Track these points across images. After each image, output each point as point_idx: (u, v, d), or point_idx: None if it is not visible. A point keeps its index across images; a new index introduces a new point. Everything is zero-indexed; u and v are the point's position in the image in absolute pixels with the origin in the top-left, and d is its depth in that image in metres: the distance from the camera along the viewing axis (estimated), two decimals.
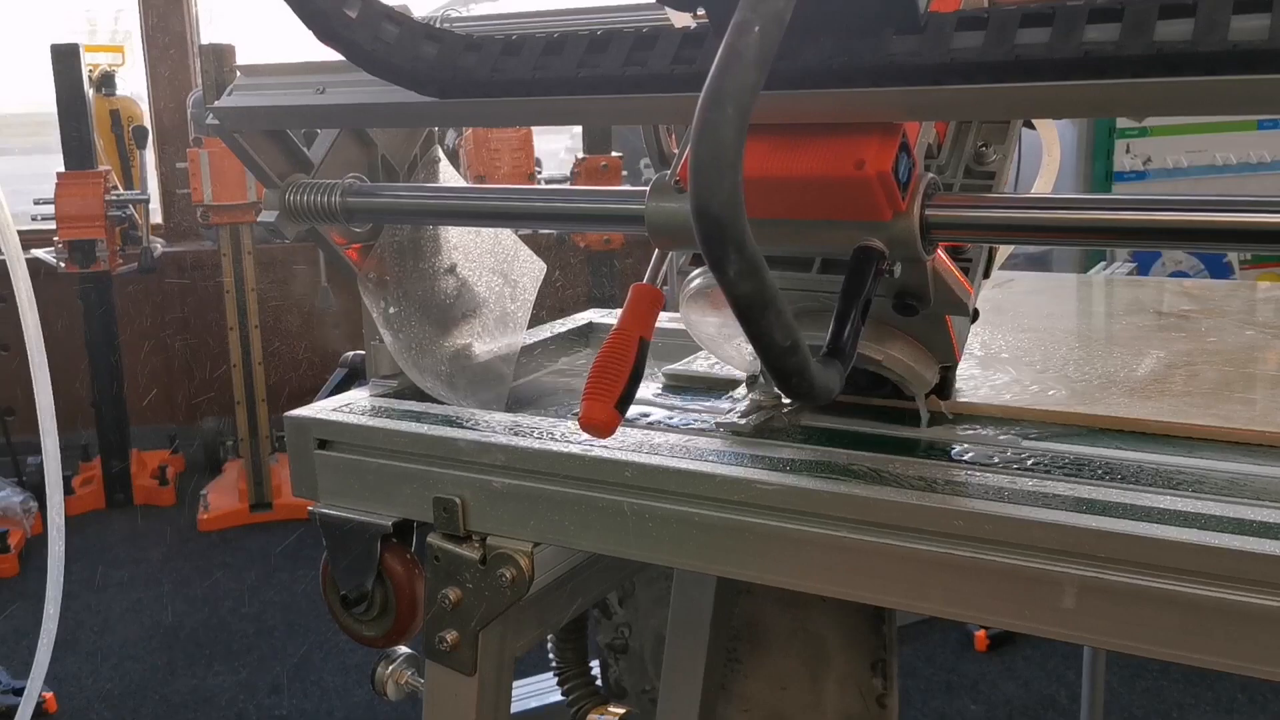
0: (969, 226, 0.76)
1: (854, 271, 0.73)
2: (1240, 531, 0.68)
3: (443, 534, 0.94)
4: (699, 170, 0.54)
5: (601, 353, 0.79)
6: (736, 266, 0.56)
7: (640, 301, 0.82)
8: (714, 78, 0.54)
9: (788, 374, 0.62)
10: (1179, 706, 2.48)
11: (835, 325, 0.71)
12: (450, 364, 1.11)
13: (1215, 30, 0.58)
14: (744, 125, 0.54)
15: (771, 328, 0.59)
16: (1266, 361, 1.04)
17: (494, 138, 3.42)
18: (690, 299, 0.89)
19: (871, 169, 0.70)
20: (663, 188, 0.80)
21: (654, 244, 0.85)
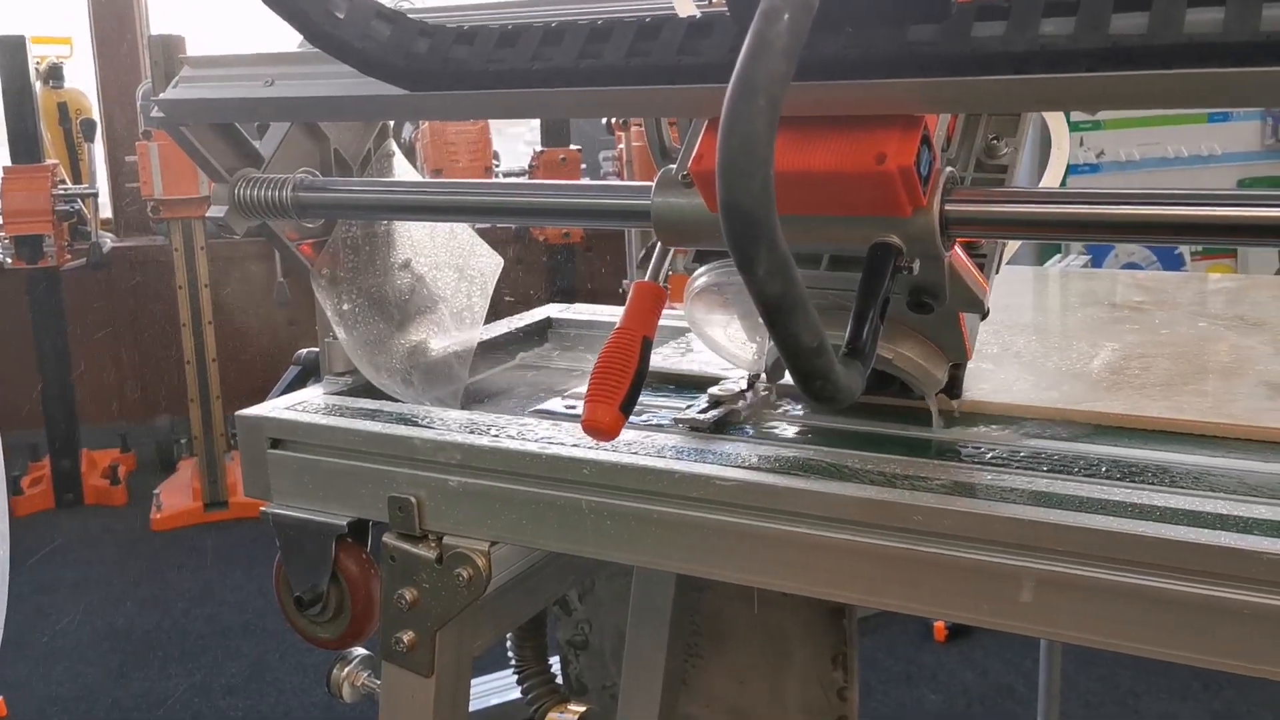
0: (989, 222, 0.74)
1: (871, 269, 0.70)
2: (1196, 524, 0.68)
3: (398, 533, 0.92)
4: (729, 164, 0.52)
5: (604, 353, 0.77)
6: (767, 265, 0.54)
7: (643, 299, 0.81)
8: (743, 67, 0.52)
9: (813, 376, 0.60)
10: (1134, 694, 2.51)
11: (854, 324, 0.68)
12: (405, 361, 1.09)
13: (1172, 24, 0.57)
14: (775, 117, 0.52)
15: (799, 329, 0.57)
16: (1219, 353, 1.05)
17: (451, 131, 3.39)
18: (696, 297, 0.87)
19: (893, 163, 0.67)
20: (669, 182, 0.78)
21: (661, 240, 0.83)
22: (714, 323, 0.90)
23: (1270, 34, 0.55)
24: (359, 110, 0.91)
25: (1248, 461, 0.79)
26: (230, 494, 3.91)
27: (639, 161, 3.24)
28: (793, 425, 0.91)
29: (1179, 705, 2.47)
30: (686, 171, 0.76)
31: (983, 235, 0.81)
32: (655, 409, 0.98)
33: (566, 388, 1.10)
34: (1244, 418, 0.85)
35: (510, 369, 1.24)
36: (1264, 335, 1.09)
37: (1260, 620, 0.64)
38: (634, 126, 3.30)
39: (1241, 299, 1.29)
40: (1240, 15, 0.56)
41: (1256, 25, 0.55)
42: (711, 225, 0.77)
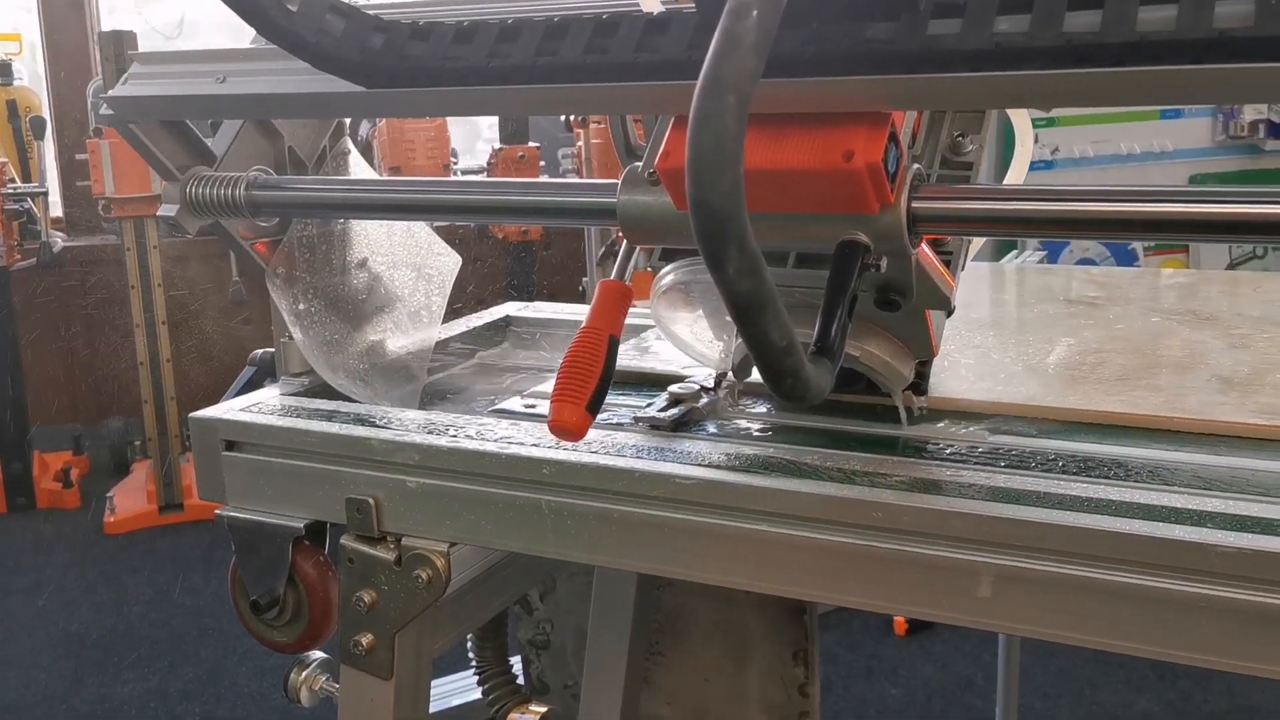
0: (956, 219, 0.74)
1: (839, 267, 0.70)
2: (1150, 518, 0.69)
3: (356, 535, 0.91)
4: (698, 162, 0.52)
5: (570, 352, 0.77)
6: (737, 264, 0.54)
7: (609, 298, 0.80)
8: (711, 64, 0.51)
9: (783, 375, 0.60)
10: (1091, 684, 2.54)
11: (822, 322, 0.68)
12: (362, 361, 1.08)
13: (1125, 22, 0.58)
14: (745, 115, 0.52)
15: (769, 328, 0.57)
16: (1171, 347, 1.06)
17: (409, 128, 3.37)
18: (662, 295, 0.87)
19: (861, 161, 0.67)
20: (635, 180, 0.78)
21: (627, 238, 0.83)
22: (680, 321, 0.90)
23: (1222, 31, 0.56)
24: (313, 108, 0.90)
25: (1200, 455, 0.80)
26: (185, 496, 3.86)
27: (598, 159, 3.24)
28: (759, 423, 0.91)
29: (1135, 695, 2.50)
30: (653, 169, 0.76)
31: (950, 232, 0.81)
32: (615, 408, 0.97)
33: (526, 387, 1.09)
34: (1197, 412, 0.86)
35: (469, 368, 1.24)
36: (1215, 330, 1.11)
37: (1214, 612, 0.65)
38: (593, 124, 3.30)
39: (1193, 294, 1.31)
40: (1193, 13, 0.57)
41: (1209, 23, 0.56)
42: (678, 223, 0.76)
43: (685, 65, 0.69)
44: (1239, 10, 0.56)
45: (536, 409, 0.98)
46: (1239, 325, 1.12)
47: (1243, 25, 0.56)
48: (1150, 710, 2.45)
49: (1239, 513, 0.69)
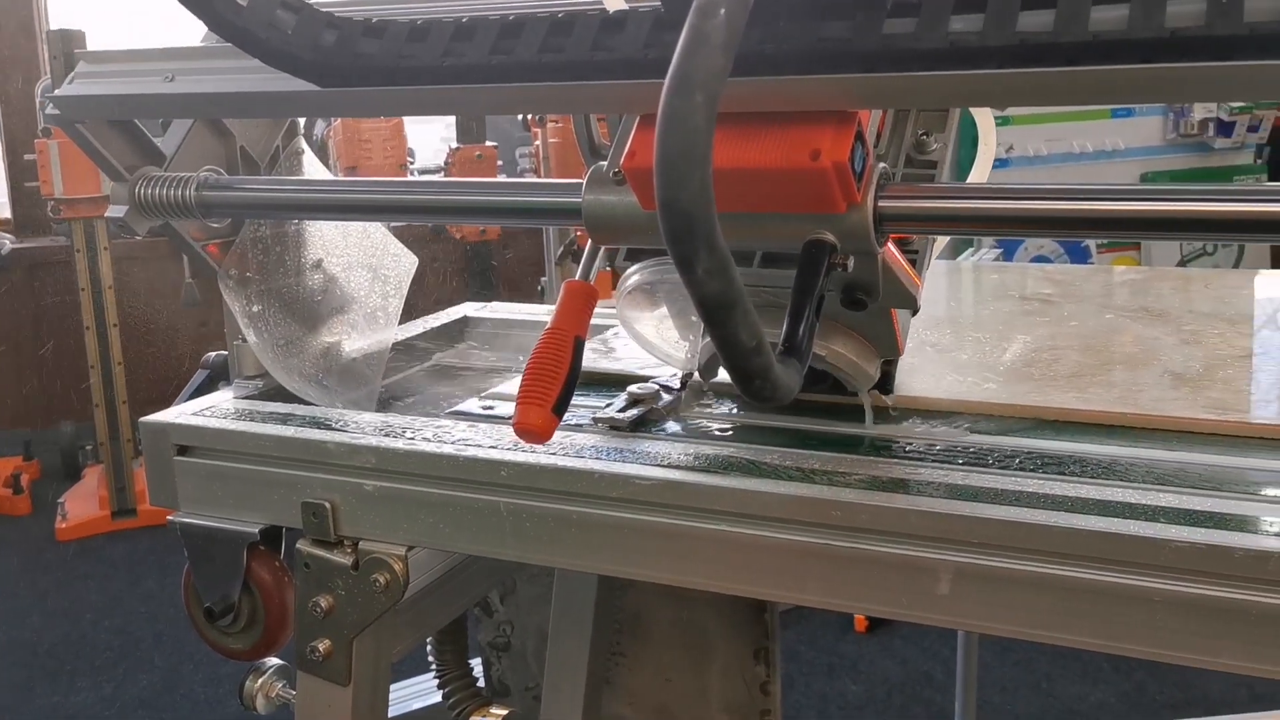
0: (922, 218, 0.74)
1: (806, 266, 0.70)
2: (1105, 513, 0.69)
3: (313, 540, 0.90)
4: (667, 162, 0.51)
5: (535, 354, 0.76)
6: (706, 264, 0.53)
7: (574, 299, 0.79)
8: (679, 63, 0.51)
9: (751, 376, 0.60)
10: (1048, 677, 2.57)
11: (790, 322, 0.68)
12: (318, 363, 1.07)
13: (1078, 22, 0.58)
14: (713, 114, 0.51)
15: (738, 328, 0.57)
16: (1124, 344, 1.07)
17: (365, 128, 3.34)
18: (628, 296, 0.86)
19: (827, 159, 0.66)
20: (600, 179, 0.77)
21: (592, 239, 0.82)
22: (646, 321, 0.89)
23: (1174, 31, 0.56)
24: (264, 107, 0.89)
25: (1154, 451, 0.81)
26: (139, 502, 3.80)
27: (556, 158, 3.23)
28: (724, 423, 0.91)
29: (1091, 688, 2.53)
30: (618, 169, 0.75)
31: (916, 231, 0.81)
32: (574, 408, 0.96)
33: (483, 388, 1.08)
34: (1150, 408, 0.87)
35: (426, 370, 1.23)
36: (1167, 326, 1.12)
37: (1168, 607, 0.66)
38: (551, 123, 3.28)
39: (1145, 291, 1.32)
40: (1144, 13, 0.57)
41: (1160, 22, 0.56)
42: (644, 223, 0.76)
43: (642, 64, 0.69)
44: (1190, 10, 0.56)
45: (494, 410, 0.97)
46: (1190, 321, 1.14)
47: (1193, 25, 0.56)
48: (1106, 702, 2.48)
49: (1191, 508, 0.69)
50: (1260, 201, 0.64)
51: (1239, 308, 1.22)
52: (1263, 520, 0.68)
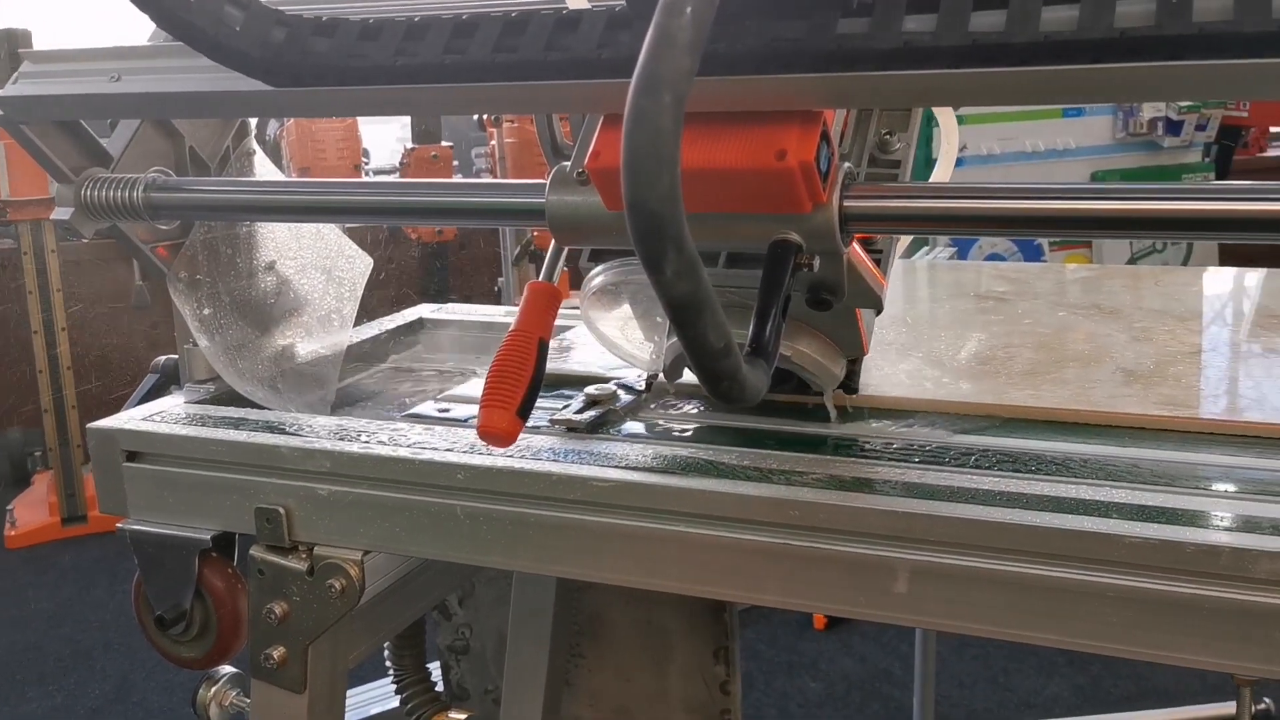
0: (888, 218, 0.74)
1: (772, 267, 0.70)
2: (1059, 510, 0.70)
3: (266, 546, 0.89)
4: (634, 162, 0.50)
5: (498, 356, 0.75)
6: (675, 266, 0.53)
7: (537, 300, 0.79)
8: (646, 62, 0.50)
9: (720, 377, 0.59)
10: (1005, 671, 2.60)
11: (757, 323, 0.68)
12: (271, 366, 1.06)
13: (1029, 22, 0.58)
14: (681, 114, 0.51)
15: (707, 330, 0.56)
16: (1077, 341, 1.08)
17: (318, 128, 3.31)
18: (593, 297, 0.86)
19: (794, 159, 0.66)
20: (564, 179, 0.76)
21: (556, 239, 0.81)
22: (610, 323, 0.89)
23: (1124, 31, 0.57)
24: (212, 107, 0.88)
25: (1107, 447, 0.82)
26: (89, 508, 3.74)
27: (512, 158, 3.21)
28: (689, 424, 0.91)
29: (1046, 681, 2.56)
30: (582, 169, 0.75)
31: (882, 231, 0.81)
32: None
33: (440, 390, 1.07)
34: (1103, 404, 0.88)
35: (382, 372, 1.22)
36: (1119, 323, 1.13)
37: (1122, 602, 0.66)
38: (506, 123, 3.27)
39: (1097, 288, 1.34)
40: (1094, 13, 0.58)
41: (1110, 23, 0.57)
42: (609, 223, 0.75)
43: (596, 64, 0.68)
44: (1139, 10, 0.57)
45: (451, 413, 0.96)
46: (1141, 319, 1.15)
47: (1143, 25, 0.57)
48: (1061, 695, 2.51)
49: (1144, 503, 0.70)
50: (1211, 200, 0.65)
51: (1188, 304, 1.24)
52: (1213, 515, 0.69)
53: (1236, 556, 0.64)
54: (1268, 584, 0.63)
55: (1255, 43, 0.55)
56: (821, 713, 2.51)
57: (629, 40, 0.68)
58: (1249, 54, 0.55)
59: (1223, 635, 0.65)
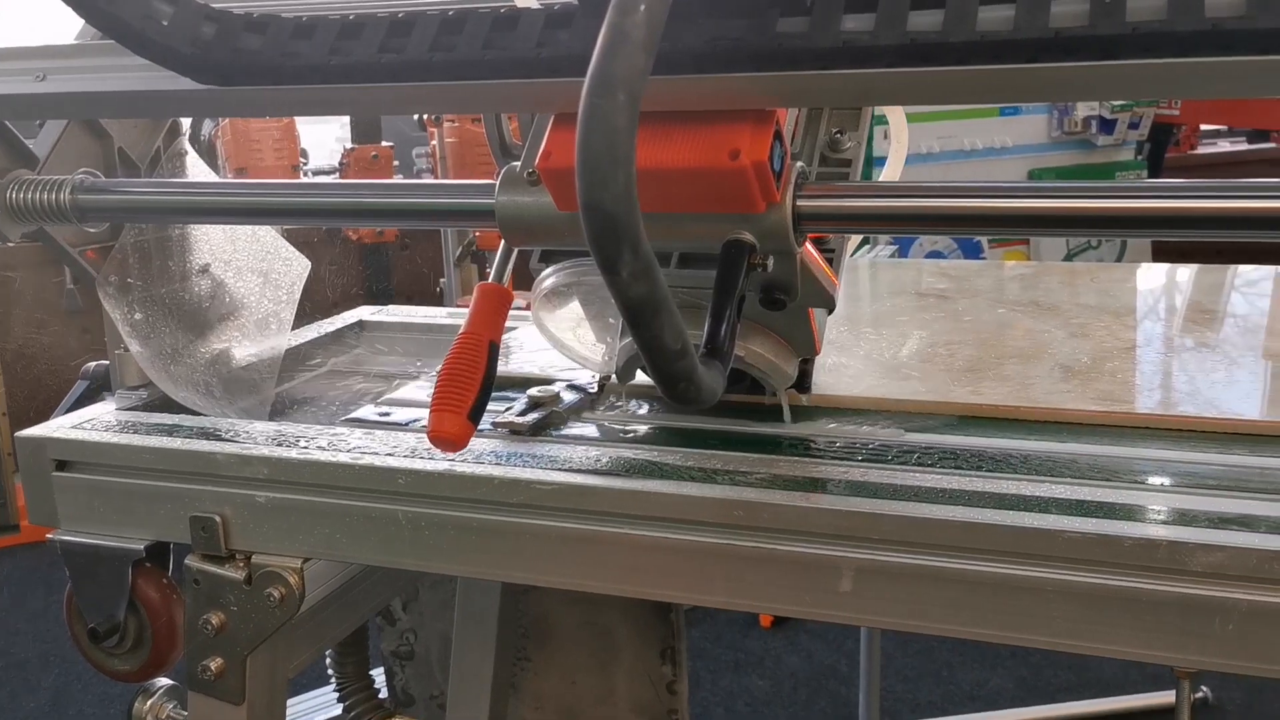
0: (841, 217, 0.74)
1: (726, 267, 0.69)
2: (1001, 506, 0.70)
3: (202, 555, 0.87)
4: (589, 162, 0.50)
5: (448, 359, 0.74)
6: (631, 267, 0.52)
7: (487, 301, 0.78)
8: (600, 61, 0.50)
9: (676, 379, 0.59)
10: (948, 665, 2.62)
11: (711, 324, 0.67)
12: (206, 371, 1.04)
13: (966, 21, 0.59)
14: (635, 113, 0.50)
15: (663, 331, 0.56)
16: (1017, 338, 1.09)
17: (255, 128, 3.26)
18: (544, 298, 0.85)
19: (747, 159, 0.65)
20: (514, 180, 0.75)
21: (506, 240, 0.80)
22: (562, 324, 0.88)
23: (1058, 31, 0.57)
24: (140, 107, 0.86)
25: (1046, 443, 0.82)
26: (20, 517, 3.66)
27: (453, 158, 3.19)
28: (643, 425, 0.90)
29: (990, 674, 2.59)
30: (533, 169, 0.74)
31: (834, 230, 0.81)
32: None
33: (380, 394, 1.06)
34: (1042, 400, 0.89)
35: (321, 376, 1.20)
36: (1057, 320, 1.15)
37: (1062, 596, 0.67)
38: (447, 123, 3.24)
39: (1035, 285, 1.36)
40: (1029, 13, 0.58)
41: (1045, 22, 0.57)
42: (560, 224, 0.75)
43: (535, 63, 0.67)
44: (1073, 10, 0.57)
45: (391, 417, 0.95)
46: (1078, 315, 1.17)
47: (1077, 25, 0.57)
48: (1004, 687, 2.54)
49: (1082, 498, 0.71)
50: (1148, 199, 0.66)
51: (1123, 300, 1.26)
52: (1150, 509, 0.69)
53: (1173, 550, 0.65)
54: (1204, 576, 0.64)
55: (1187, 42, 0.55)
56: (768, 711, 2.52)
57: (568, 39, 0.67)
58: (1181, 53, 0.56)
59: (1162, 628, 0.65)
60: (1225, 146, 5.16)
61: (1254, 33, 0.54)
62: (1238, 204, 0.64)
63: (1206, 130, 5.12)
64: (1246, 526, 0.66)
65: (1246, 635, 0.64)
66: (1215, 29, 0.55)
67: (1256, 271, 1.39)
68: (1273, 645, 0.63)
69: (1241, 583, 0.64)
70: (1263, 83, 0.58)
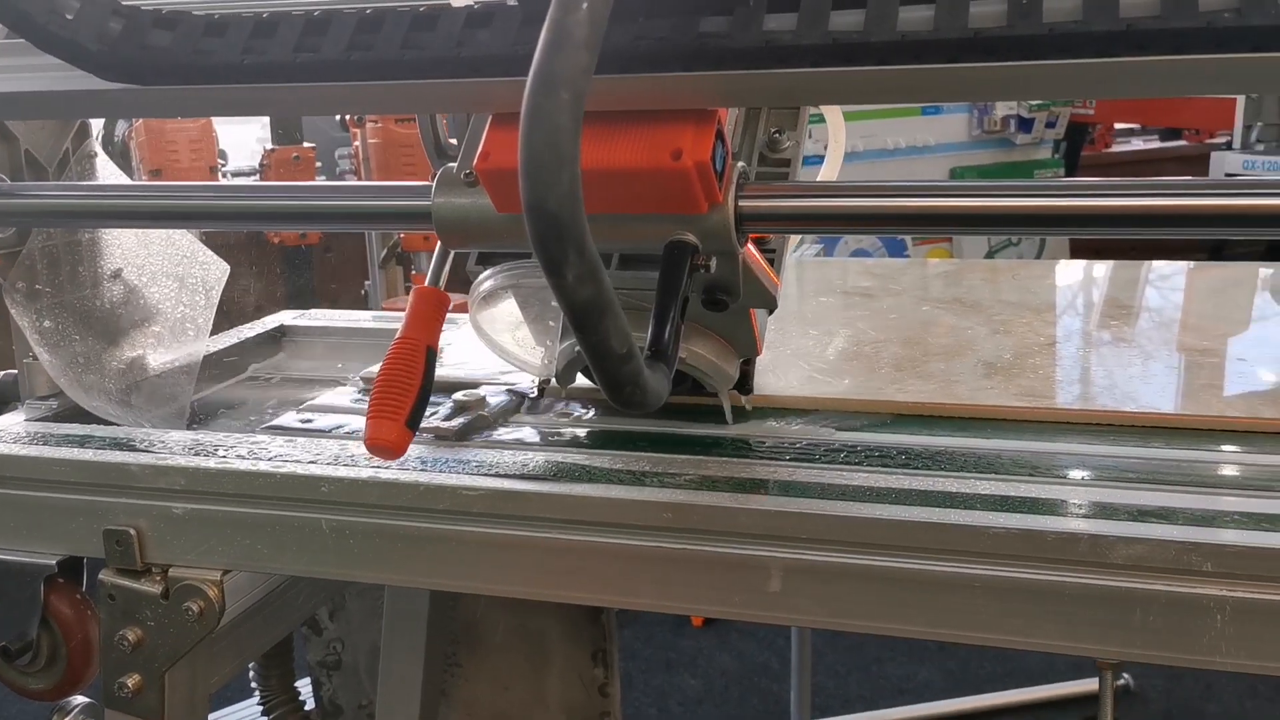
0: (783, 217, 0.73)
1: (669, 268, 0.68)
2: (927, 503, 0.71)
3: (117, 569, 0.85)
4: (533, 163, 0.49)
5: (385, 365, 0.73)
6: (577, 270, 0.51)
7: (425, 305, 0.76)
8: (542, 60, 0.48)
9: (622, 383, 0.58)
10: (878, 660, 2.65)
11: (655, 326, 0.66)
12: (121, 380, 1.01)
13: (886, 21, 0.59)
14: (580, 113, 0.49)
15: (609, 335, 0.55)
16: (941, 335, 1.10)
17: (170, 128, 3.18)
18: (482, 301, 0.83)
19: (689, 159, 0.65)
20: (451, 181, 0.74)
21: (443, 242, 0.78)
22: (501, 328, 0.87)
23: (977, 31, 0.57)
24: (46, 107, 0.83)
25: (971, 439, 0.83)
26: None
27: (377, 159, 3.15)
28: (583, 428, 0.89)
29: (918, 667, 2.62)
30: (470, 170, 0.73)
31: (776, 230, 0.81)
32: None
33: (302, 400, 1.04)
34: (967, 397, 0.90)
35: (241, 382, 1.17)
36: (979, 317, 1.16)
37: (988, 592, 0.68)
38: (370, 123, 3.20)
39: (958, 282, 1.37)
40: (949, 14, 0.58)
41: (964, 23, 0.58)
42: (500, 226, 0.73)
43: (454, 62, 0.66)
44: (992, 11, 0.58)
45: (314, 424, 0.93)
46: (1000, 311, 1.18)
47: (996, 25, 0.57)
48: (931, 680, 2.58)
49: (1007, 494, 0.72)
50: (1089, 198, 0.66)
51: (1043, 297, 1.28)
52: (1071, 503, 0.70)
53: (1095, 543, 0.65)
54: (1125, 569, 0.65)
55: (1103, 42, 0.56)
56: (701, 709, 2.53)
57: (488, 39, 0.66)
58: (1097, 53, 0.57)
59: (1084, 621, 0.66)
60: (1139, 144, 5.30)
61: (1167, 32, 0.55)
62: (1152, 202, 0.65)
63: (1121, 128, 5.25)
64: (1165, 519, 0.67)
65: (1167, 626, 0.65)
66: (1130, 29, 0.55)
67: (1169, 267, 1.42)
68: (1192, 635, 0.65)
69: (1161, 574, 0.65)
70: (1175, 82, 0.59)
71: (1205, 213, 0.64)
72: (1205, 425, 0.84)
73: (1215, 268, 1.51)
